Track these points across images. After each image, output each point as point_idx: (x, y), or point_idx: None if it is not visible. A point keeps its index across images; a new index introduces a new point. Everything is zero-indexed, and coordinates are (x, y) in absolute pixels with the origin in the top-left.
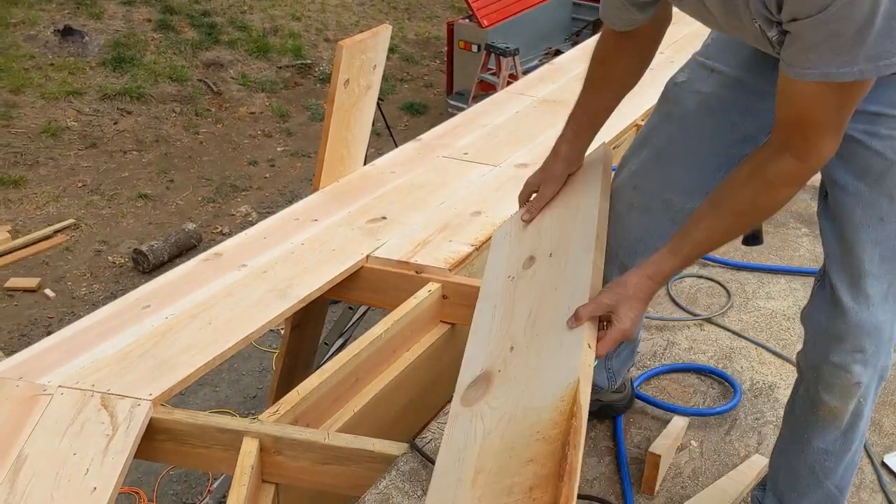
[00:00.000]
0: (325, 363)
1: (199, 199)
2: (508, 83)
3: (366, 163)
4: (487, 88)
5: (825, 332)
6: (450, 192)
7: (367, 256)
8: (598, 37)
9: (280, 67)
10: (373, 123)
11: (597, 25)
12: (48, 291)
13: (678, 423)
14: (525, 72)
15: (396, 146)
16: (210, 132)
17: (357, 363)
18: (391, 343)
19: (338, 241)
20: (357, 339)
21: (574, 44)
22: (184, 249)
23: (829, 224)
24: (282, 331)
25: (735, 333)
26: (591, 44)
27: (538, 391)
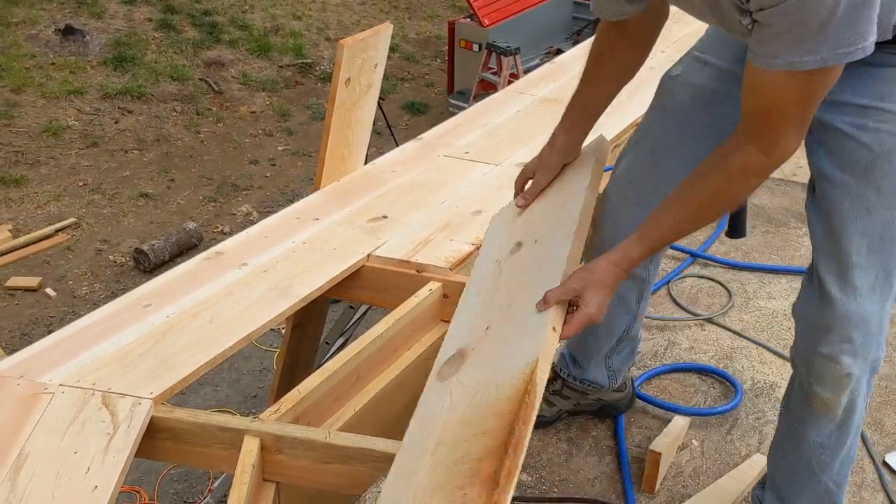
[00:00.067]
0: (326, 362)
1: (200, 199)
2: (509, 82)
3: (367, 162)
4: (488, 87)
5: (814, 324)
6: (451, 192)
7: (368, 255)
8: (597, 30)
9: (281, 66)
10: (374, 122)
11: (597, 24)
12: (49, 290)
13: (679, 423)
14: (526, 71)
15: (397, 145)
16: (211, 131)
17: (358, 362)
18: (392, 342)
19: (339, 240)
20: (358, 338)
21: (575, 43)
22: (185, 248)
23: (817, 217)
24: (283, 330)
25: (736, 333)
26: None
27: (501, 369)
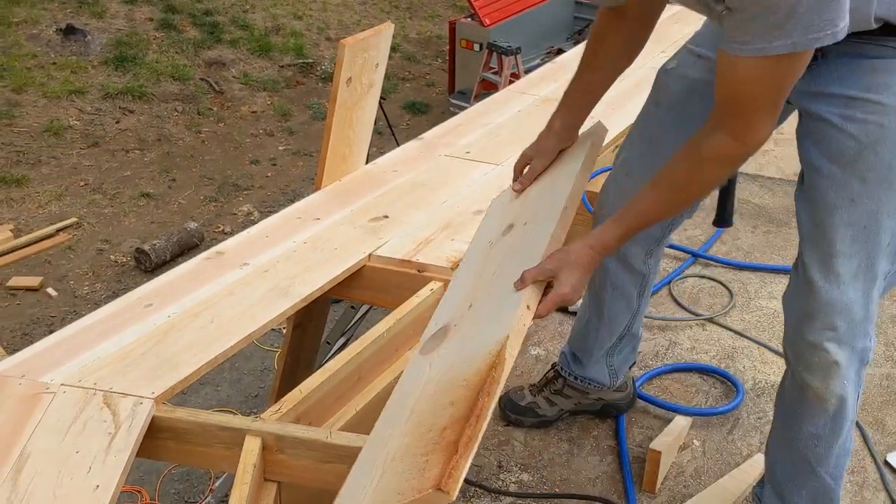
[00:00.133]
0: (328, 362)
1: (201, 198)
2: (510, 82)
3: (368, 161)
4: (489, 87)
5: (799, 312)
6: (452, 191)
7: (369, 255)
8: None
9: (282, 66)
10: (375, 122)
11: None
12: (50, 290)
13: (680, 423)
14: (527, 70)
15: (398, 145)
16: (212, 131)
17: (359, 362)
18: (393, 342)
19: (340, 240)
20: (359, 338)
21: (576, 42)
22: (186, 248)
23: (804, 206)
24: (284, 330)
25: (737, 333)
26: None
27: (475, 344)
